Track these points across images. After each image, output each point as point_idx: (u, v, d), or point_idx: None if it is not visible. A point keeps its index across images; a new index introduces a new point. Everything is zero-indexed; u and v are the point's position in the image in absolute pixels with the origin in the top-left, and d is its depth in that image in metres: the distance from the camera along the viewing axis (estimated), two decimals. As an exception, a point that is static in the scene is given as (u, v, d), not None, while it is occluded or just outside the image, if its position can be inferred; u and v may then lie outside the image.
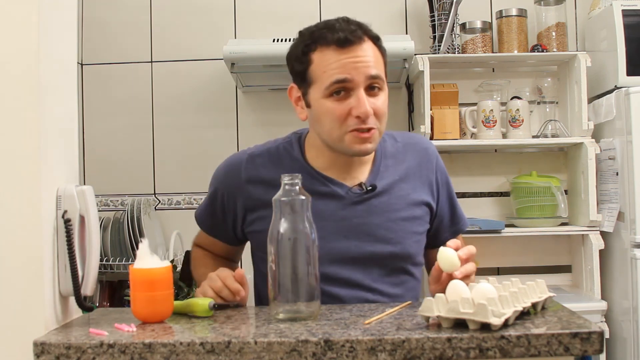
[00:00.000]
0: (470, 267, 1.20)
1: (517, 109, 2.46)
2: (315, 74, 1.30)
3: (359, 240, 1.35)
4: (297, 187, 1.13)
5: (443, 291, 1.07)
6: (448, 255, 1.17)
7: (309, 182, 1.33)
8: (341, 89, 1.28)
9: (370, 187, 1.37)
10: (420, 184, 1.44)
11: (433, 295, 1.03)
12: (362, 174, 1.40)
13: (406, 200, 1.40)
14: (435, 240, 1.46)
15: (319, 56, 1.29)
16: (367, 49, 1.29)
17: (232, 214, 1.43)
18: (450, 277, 1.17)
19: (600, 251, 2.33)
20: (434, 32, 2.54)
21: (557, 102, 2.58)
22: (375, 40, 1.33)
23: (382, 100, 1.30)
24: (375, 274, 1.36)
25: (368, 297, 1.35)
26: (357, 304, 1.32)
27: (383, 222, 1.37)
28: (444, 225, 1.49)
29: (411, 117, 2.70)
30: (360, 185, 1.38)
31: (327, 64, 1.28)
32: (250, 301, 1.56)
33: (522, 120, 2.46)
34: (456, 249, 1.20)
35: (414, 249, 1.40)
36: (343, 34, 1.27)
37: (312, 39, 1.31)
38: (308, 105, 1.35)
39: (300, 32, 1.37)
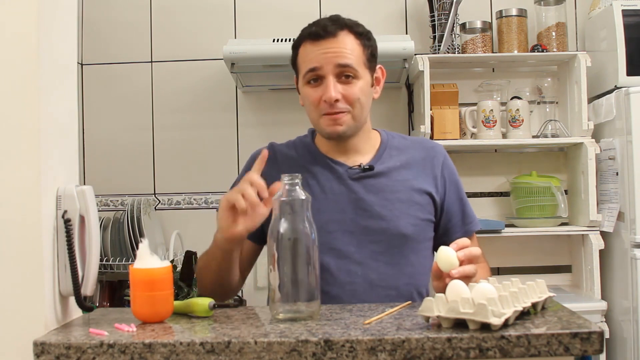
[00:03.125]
0: (470, 268, 1.19)
1: (517, 109, 2.46)
2: (298, 65, 1.47)
3: (354, 214, 1.43)
4: (297, 187, 1.13)
5: (444, 287, 1.07)
6: (446, 254, 1.17)
7: (313, 161, 1.50)
8: (315, 77, 1.42)
9: (367, 167, 1.46)
10: (422, 175, 1.50)
11: (436, 291, 1.03)
12: (364, 159, 1.49)
13: (405, 185, 1.47)
14: (447, 240, 1.46)
15: (301, 49, 1.46)
16: (340, 41, 1.41)
17: None
18: (450, 275, 1.17)
19: (600, 251, 2.33)
20: (434, 32, 2.54)
21: (557, 102, 2.59)
22: (358, 34, 1.43)
23: (356, 87, 1.42)
24: (368, 249, 1.42)
25: (357, 271, 1.40)
26: (346, 277, 1.39)
27: (378, 200, 1.44)
28: (454, 224, 1.52)
29: (411, 117, 2.70)
30: (359, 165, 1.47)
31: (304, 56, 1.44)
32: (263, 301, 1.56)
33: (522, 120, 2.46)
34: (462, 248, 1.20)
35: (409, 230, 1.44)
36: (317, 28, 1.42)
37: (299, 35, 1.47)
38: (300, 93, 1.50)
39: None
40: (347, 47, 1.41)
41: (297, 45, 1.47)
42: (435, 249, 1.51)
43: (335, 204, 1.44)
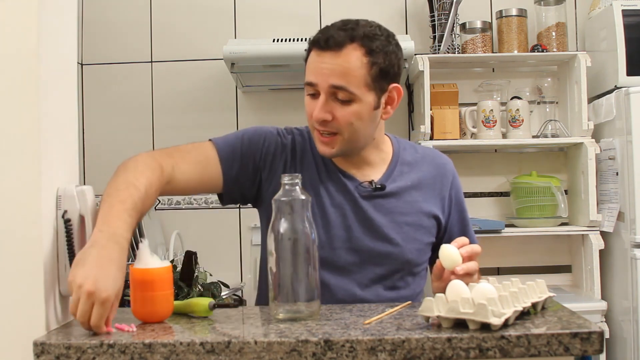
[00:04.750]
0: (472, 265, 1.20)
1: (517, 109, 2.46)
2: (306, 71, 1.36)
3: (360, 233, 1.37)
4: (297, 187, 1.13)
5: (445, 288, 1.07)
6: (449, 252, 1.17)
7: (324, 171, 1.41)
8: (312, 92, 1.32)
9: (379, 186, 1.39)
10: (432, 196, 1.44)
11: (436, 292, 1.03)
12: (376, 174, 1.42)
13: (414, 207, 1.41)
14: None
15: (310, 54, 1.34)
16: (342, 57, 1.27)
17: (252, 157, 1.40)
18: (453, 274, 1.17)
19: (600, 251, 2.33)
20: (434, 32, 2.54)
21: (557, 102, 2.59)
22: (369, 49, 1.29)
23: (350, 110, 1.29)
24: (369, 271, 1.37)
25: (356, 292, 1.36)
26: (344, 297, 1.34)
27: (387, 222, 1.38)
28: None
29: (411, 117, 2.70)
30: (370, 182, 1.40)
31: (308, 64, 1.33)
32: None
33: (522, 120, 2.46)
34: (463, 246, 1.20)
35: (413, 255, 1.40)
36: (323, 37, 1.29)
37: (312, 37, 1.35)
38: None
39: None
40: (348, 66, 1.27)
41: (309, 48, 1.35)
42: (431, 266, 1.49)
43: (342, 218, 1.37)
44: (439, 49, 2.49)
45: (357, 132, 1.33)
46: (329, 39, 1.28)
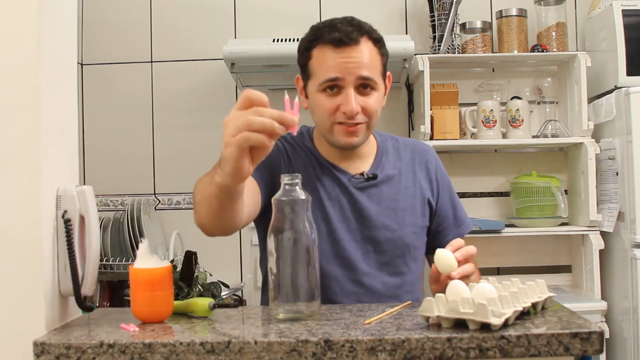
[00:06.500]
0: (469, 267, 1.20)
1: (517, 109, 2.46)
2: (313, 68, 1.39)
3: (358, 224, 1.42)
4: (297, 187, 1.12)
5: (443, 291, 1.07)
6: (445, 256, 1.18)
7: (317, 167, 1.46)
8: (333, 86, 1.36)
9: (371, 176, 1.44)
10: (420, 180, 1.50)
11: (433, 295, 1.03)
12: (365, 166, 1.47)
13: (406, 192, 1.47)
14: (439, 243, 1.47)
15: (317, 53, 1.37)
16: (362, 50, 1.35)
17: (271, 173, 1.40)
18: (449, 278, 1.17)
19: (600, 251, 2.33)
20: (434, 32, 2.54)
21: (557, 102, 2.59)
22: (376, 42, 1.38)
23: (374, 99, 1.38)
24: (372, 259, 1.41)
25: (362, 281, 1.40)
26: (351, 287, 1.38)
27: (382, 209, 1.43)
28: (445, 227, 1.52)
29: (411, 117, 2.70)
30: (362, 174, 1.45)
31: (323, 62, 1.36)
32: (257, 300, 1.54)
33: (522, 120, 2.46)
34: (458, 249, 1.20)
35: (411, 239, 1.45)
36: (339, 34, 1.34)
37: (314, 36, 1.38)
38: (307, 96, 1.43)
39: (311, 27, 1.44)
40: (369, 57, 1.35)
41: (311, 47, 1.38)
42: (427, 252, 1.51)
43: (341, 212, 1.42)
44: (439, 49, 2.49)
45: (377, 120, 1.41)
46: (347, 35, 1.34)
